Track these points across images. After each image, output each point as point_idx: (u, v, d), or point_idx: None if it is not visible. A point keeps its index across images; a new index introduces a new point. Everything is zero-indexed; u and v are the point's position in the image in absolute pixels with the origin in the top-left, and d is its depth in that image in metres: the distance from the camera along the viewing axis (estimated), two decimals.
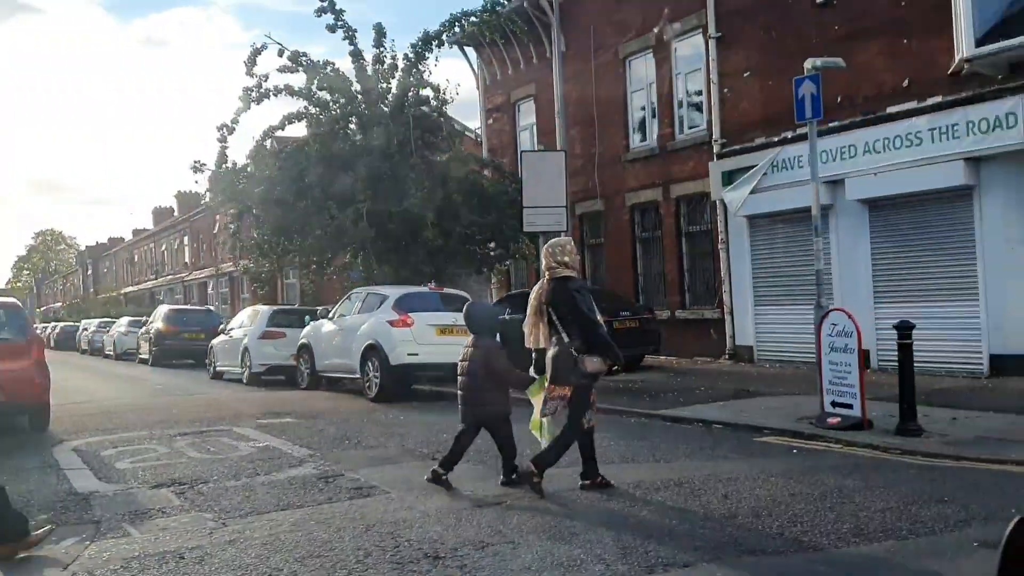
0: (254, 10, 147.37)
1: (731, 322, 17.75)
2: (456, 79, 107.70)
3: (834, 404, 9.59)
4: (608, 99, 20.84)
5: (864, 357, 14.10)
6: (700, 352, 18.51)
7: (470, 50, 24.88)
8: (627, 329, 16.66)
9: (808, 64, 10.14)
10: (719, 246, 18.00)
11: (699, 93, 18.79)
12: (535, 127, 23.38)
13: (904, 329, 9.11)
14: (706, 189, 18.09)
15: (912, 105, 14.01)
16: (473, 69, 25.35)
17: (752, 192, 16.56)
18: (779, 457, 8.19)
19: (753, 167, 16.57)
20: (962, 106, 13.19)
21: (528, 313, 7.10)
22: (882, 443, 8.58)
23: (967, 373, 13.33)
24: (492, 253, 19.56)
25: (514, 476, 7.00)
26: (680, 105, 19.43)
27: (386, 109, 18.86)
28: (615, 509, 6.18)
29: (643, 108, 20.39)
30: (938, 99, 13.65)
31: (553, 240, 7.28)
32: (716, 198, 17.69)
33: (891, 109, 14.32)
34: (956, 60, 13.28)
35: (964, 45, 13.02)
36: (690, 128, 19.18)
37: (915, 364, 13.47)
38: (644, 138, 20.35)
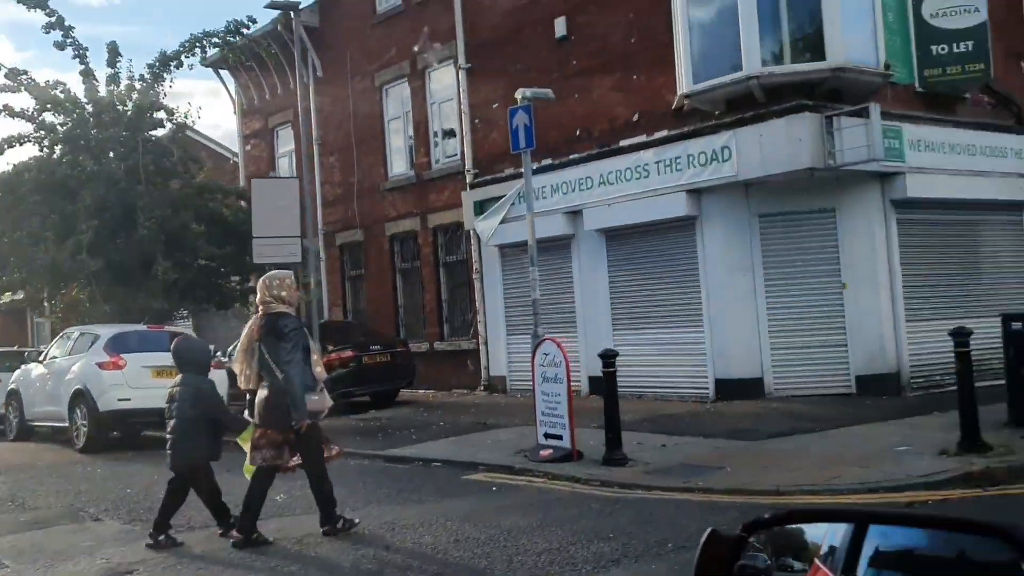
0: (27, 30, 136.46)
1: (486, 353, 17.61)
2: (218, 103, 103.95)
3: (547, 436, 9.48)
4: (366, 127, 20.38)
5: (600, 385, 14.61)
6: (458, 384, 18.25)
7: (226, 73, 23.73)
8: (378, 364, 16.20)
9: (518, 95, 10.11)
10: (473, 276, 17.89)
11: (453, 124, 18.70)
12: (293, 154, 22.53)
13: (607, 358, 9.11)
14: (461, 219, 17.94)
15: (641, 139, 14.43)
16: (230, 93, 24.24)
17: (502, 222, 16.55)
18: (474, 496, 7.91)
19: (503, 197, 16.59)
20: (684, 140, 13.68)
21: (238, 350, 6.56)
22: (585, 475, 8.50)
23: (696, 398, 13.73)
24: (240, 287, 18.49)
25: (236, 536, 6.23)
26: (436, 135, 19.26)
27: (123, 133, 17.52)
28: (258, 569, 5.60)
29: (401, 137, 20.09)
30: (664, 133, 14.12)
31: (272, 272, 6.82)
32: (469, 228, 17.59)
33: (623, 142, 14.68)
34: (678, 96, 13.81)
35: (684, 82, 13.54)
36: (446, 158, 19.02)
37: (650, 390, 14.18)
38: (402, 167, 20.03)
